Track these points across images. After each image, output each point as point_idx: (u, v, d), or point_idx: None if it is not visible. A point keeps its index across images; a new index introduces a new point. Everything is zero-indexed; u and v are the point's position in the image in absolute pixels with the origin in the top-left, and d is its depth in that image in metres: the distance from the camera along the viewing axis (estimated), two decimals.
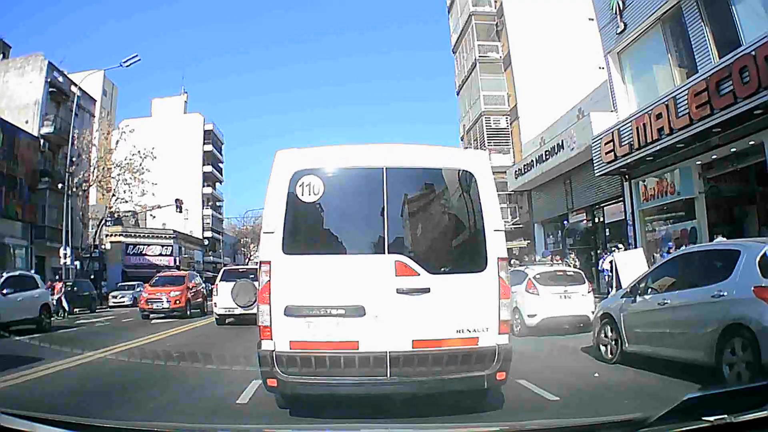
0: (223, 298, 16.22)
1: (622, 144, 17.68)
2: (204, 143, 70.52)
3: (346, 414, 5.25)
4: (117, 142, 35.48)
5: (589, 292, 12.41)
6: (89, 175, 34.83)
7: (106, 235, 51.06)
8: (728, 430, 1.74)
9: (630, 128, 17.34)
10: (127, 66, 31.89)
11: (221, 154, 77.74)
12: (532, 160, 24.97)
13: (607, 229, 21.95)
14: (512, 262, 19.94)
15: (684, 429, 1.80)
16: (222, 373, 7.87)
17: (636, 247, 18.40)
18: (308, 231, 5.39)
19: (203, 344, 11.85)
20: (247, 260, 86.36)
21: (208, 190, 71.48)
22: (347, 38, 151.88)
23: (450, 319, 5.07)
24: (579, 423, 2.75)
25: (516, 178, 27.14)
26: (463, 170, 5.42)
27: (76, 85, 35.00)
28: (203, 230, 68.99)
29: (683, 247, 11.81)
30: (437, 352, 5.03)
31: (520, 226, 30.26)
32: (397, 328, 5.00)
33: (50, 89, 35.55)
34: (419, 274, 5.07)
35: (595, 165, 19.19)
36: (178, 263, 55.04)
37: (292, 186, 5.17)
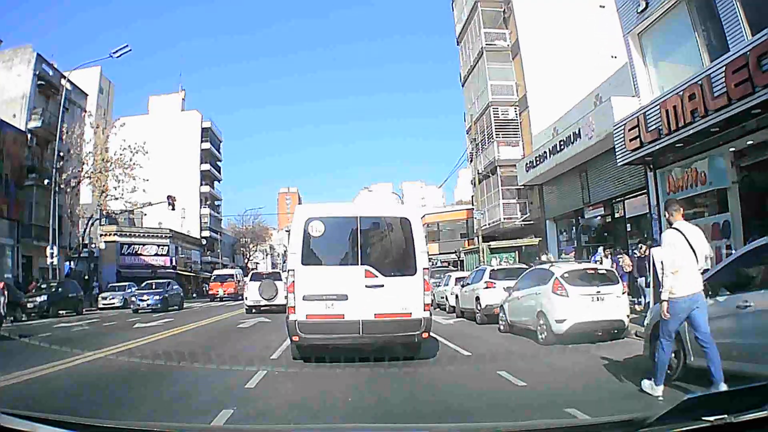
0: (252, 293, 21.56)
1: (649, 129, 16.15)
2: (202, 141, 68.87)
3: (338, 359, 7.91)
4: (107, 137, 33.93)
5: (624, 293, 10.85)
6: (80, 171, 33.28)
7: (101, 235, 49.54)
8: (728, 430, 1.72)
9: (658, 112, 15.81)
10: (117, 57, 30.56)
11: (219, 152, 76.07)
12: (545, 152, 23.40)
13: (628, 224, 20.41)
14: (541, 257, 18.53)
15: (684, 429, 1.78)
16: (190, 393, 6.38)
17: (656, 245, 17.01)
18: (315, 252, 8.67)
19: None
20: (246, 261, 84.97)
21: (206, 188, 69.81)
22: (350, 46, 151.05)
23: (396, 302, 8.28)
24: (579, 423, 2.78)
25: (527, 171, 25.55)
26: (403, 217, 8.90)
27: (64, 77, 33.49)
28: (201, 230, 67.33)
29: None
30: (388, 320, 8.22)
31: (531, 222, 28.65)
32: (366, 307, 8.22)
33: (39, 82, 34.13)
34: (378, 277, 8.35)
35: (617, 154, 17.64)
36: (174, 263, 53.52)
37: (306, 227, 8.51)
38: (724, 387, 5.36)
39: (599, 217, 22.73)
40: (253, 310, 21.45)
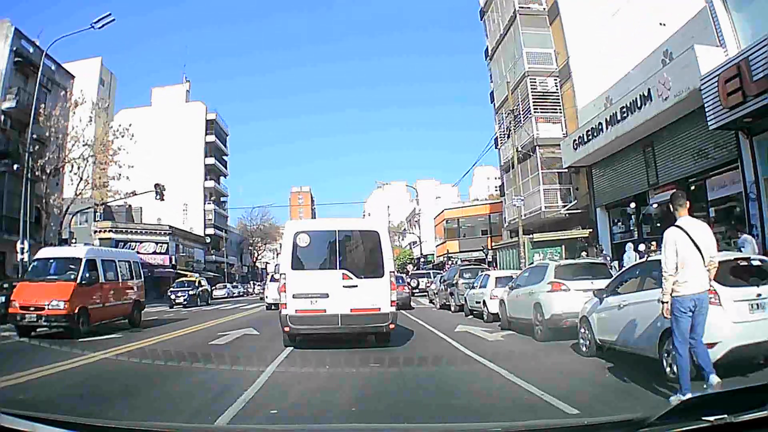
0: (272, 292, 24.07)
1: (755, 78, 12.23)
2: (206, 134, 65.39)
3: (323, 347, 10.04)
4: (90, 118, 30.29)
5: None
6: (59, 157, 29.65)
7: (95, 231, 46.18)
8: (728, 430, 1.68)
9: (766, 54, 11.92)
10: (99, 28, 26.71)
11: (226, 146, 72.52)
12: (599, 123, 19.37)
13: (711, 209, 16.32)
14: (604, 252, 15.07)
15: (684, 429, 1.74)
16: None
17: (754, 234, 13.34)
18: (302, 259, 10.65)
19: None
20: (254, 260, 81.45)
21: (211, 183, 66.25)
22: (358, 41, 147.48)
23: (368, 299, 10.20)
24: (579, 423, 2.73)
25: (575, 149, 21.49)
26: (373, 230, 11.05)
27: (43, 50, 29.91)
28: (205, 227, 63.80)
29: None
30: (362, 314, 10.15)
31: (578, 211, 24.47)
32: (343, 303, 10.15)
33: (16, 59, 30.65)
34: (353, 279, 10.33)
35: (708, 114, 13.67)
36: (174, 262, 49.91)
37: (295, 239, 10.60)
38: (716, 379, 5.32)
39: (663, 204, 18.68)
40: (272, 307, 23.47)
